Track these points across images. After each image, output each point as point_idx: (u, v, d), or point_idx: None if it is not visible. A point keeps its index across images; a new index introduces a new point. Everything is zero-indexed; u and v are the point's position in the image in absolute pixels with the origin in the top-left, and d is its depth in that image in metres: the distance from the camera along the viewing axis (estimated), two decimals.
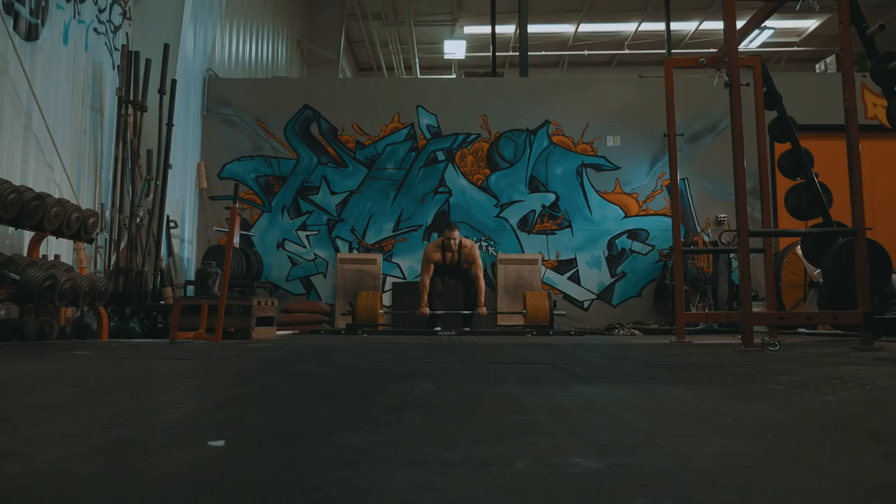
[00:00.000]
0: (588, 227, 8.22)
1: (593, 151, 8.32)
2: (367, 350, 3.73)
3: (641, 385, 1.94)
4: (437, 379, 2.02)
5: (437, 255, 7.00)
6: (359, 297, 6.84)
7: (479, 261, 7.02)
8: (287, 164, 8.31)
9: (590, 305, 8.15)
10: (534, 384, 1.92)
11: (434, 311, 7.00)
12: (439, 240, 7.12)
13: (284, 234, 8.23)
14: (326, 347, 4.03)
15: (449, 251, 6.96)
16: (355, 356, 3.21)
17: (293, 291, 8.17)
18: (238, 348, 3.85)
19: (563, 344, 4.57)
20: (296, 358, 3.07)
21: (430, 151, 8.33)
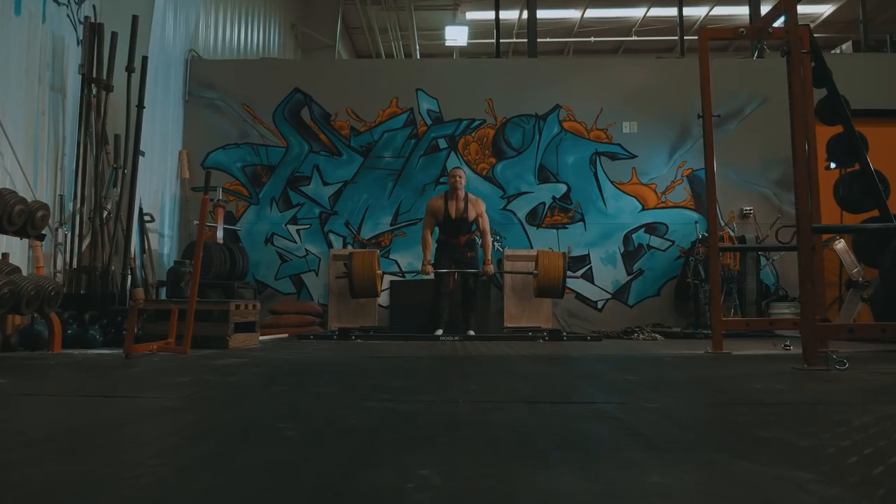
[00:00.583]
0: (602, 220, 7.58)
1: (608, 139, 7.68)
2: (354, 371, 3.11)
3: (749, 462, 1.31)
4: (444, 452, 1.39)
5: (439, 203, 6.37)
6: (353, 259, 6.22)
7: (485, 215, 6.43)
8: (276, 152, 7.67)
9: (604, 306, 7.52)
10: (587, 462, 1.29)
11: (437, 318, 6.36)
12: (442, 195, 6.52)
13: (273, 229, 7.59)
14: (308, 365, 3.40)
15: (454, 200, 6.32)
16: (338, 384, 2.59)
17: (282, 291, 7.54)
18: (200, 367, 3.22)
19: (586, 357, 3.94)
20: (260, 389, 2.45)
21: (431, 138, 7.68)
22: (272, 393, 2.30)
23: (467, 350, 4.51)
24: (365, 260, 6.22)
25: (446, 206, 6.39)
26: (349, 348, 4.69)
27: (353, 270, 6.12)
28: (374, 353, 4.23)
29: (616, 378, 2.81)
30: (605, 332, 6.83)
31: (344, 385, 2.57)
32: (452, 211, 6.37)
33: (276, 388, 2.44)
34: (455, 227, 6.33)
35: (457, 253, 6.35)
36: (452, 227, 6.33)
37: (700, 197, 7.64)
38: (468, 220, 6.34)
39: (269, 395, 2.26)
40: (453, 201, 6.38)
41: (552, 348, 4.78)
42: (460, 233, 6.34)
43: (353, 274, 6.12)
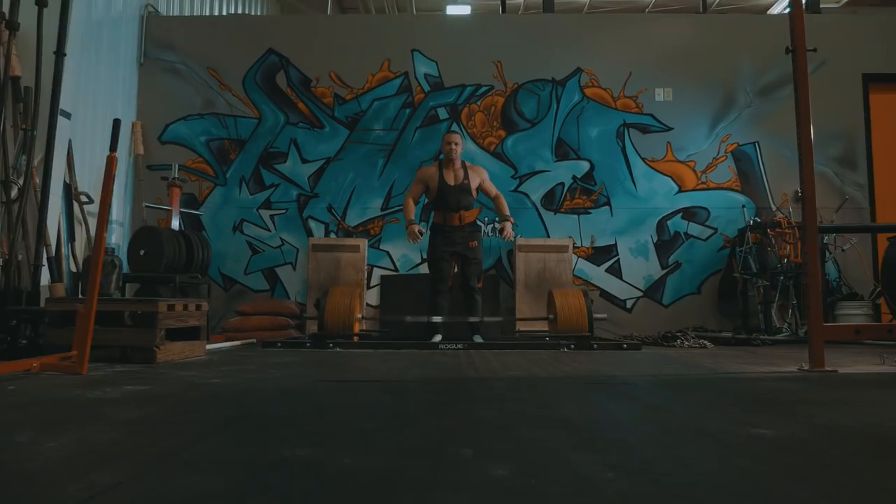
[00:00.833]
0: (632, 204, 6.41)
1: (638, 108, 6.50)
2: (297, 416, 1.93)
3: None
4: None
5: (432, 171, 5.27)
6: (329, 295, 5.04)
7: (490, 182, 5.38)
8: (246, 124, 6.51)
9: (634, 305, 6.35)
10: None
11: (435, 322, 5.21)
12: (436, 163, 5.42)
13: (242, 214, 6.43)
14: (233, 399, 2.23)
15: (450, 169, 5.22)
16: (234, 463, 1.42)
17: (253, 287, 6.38)
18: (81, 401, 2.06)
19: (642, 380, 2.77)
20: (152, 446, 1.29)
21: (430, 108, 6.51)
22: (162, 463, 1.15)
23: (474, 365, 3.35)
24: (342, 299, 5.00)
25: (441, 174, 5.25)
26: (318, 363, 3.53)
27: (325, 310, 4.92)
28: (346, 373, 3.07)
29: (726, 429, 1.65)
30: (639, 337, 5.66)
31: (298, 431, 1.42)
32: (450, 178, 5.23)
33: (96, 478, 1.27)
34: (454, 196, 5.17)
35: (456, 241, 5.20)
36: (451, 197, 5.18)
37: (748, 176, 6.46)
38: (470, 189, 5.20)
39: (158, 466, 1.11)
40: (450, 170, 5.25)
41: (584, 363, 3.62)
42: (461, 206, 5.18)
43: (326, 314, 4.91)
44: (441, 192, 5.22)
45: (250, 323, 5.83)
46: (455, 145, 5.24)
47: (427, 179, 5.30)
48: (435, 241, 5.29)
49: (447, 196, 5.21)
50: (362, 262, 6.22)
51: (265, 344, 4.76)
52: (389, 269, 6.38)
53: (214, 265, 6.33)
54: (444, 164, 5.30)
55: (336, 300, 5.05)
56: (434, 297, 5.28)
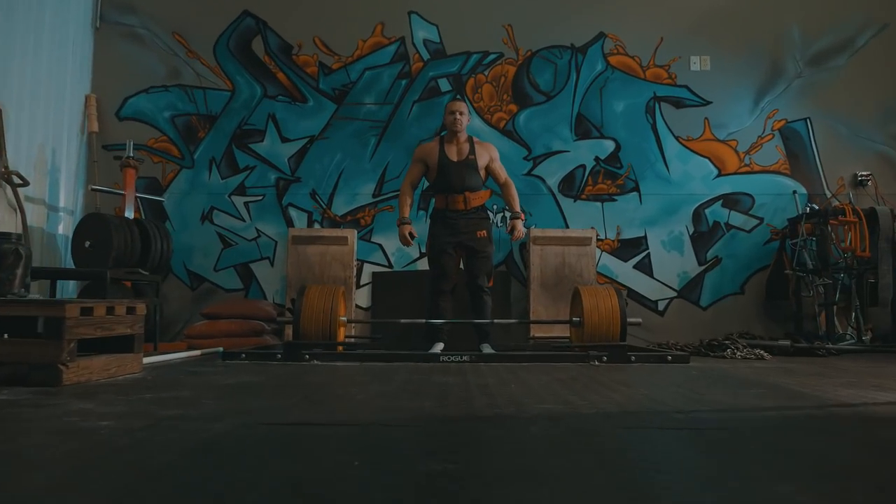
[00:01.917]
0: (664, 189, 5.52)
1: (670, 78, 5.62)
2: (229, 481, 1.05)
3: None
4: None
5: (432, 146, 4.44)
6: (307, 295, 4.14)
7: (500, 163, 4.50)
8: (217, 97, 5.63)
9: (667, 307, 5.46)
10: None
11: (436, 325, 4.34)
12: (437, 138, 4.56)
13: (212, 201, 5.55)
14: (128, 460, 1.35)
15: (454, 143, 4.38)
16: None
17: (224, 286, 5.50)
18: None
19: (720, 417, 1.89)
20: None
21: (430, 79, 5.63)
22: None
23: (487, 389, 2.47)
24: (322, 300, 4.11)
25: (442, 148, 4.39)
26: (281, 386, 2.65)
27: (301, 313, 4.04)
28: (311, 405, 2.19)
29: None
30: (678, 346, 4.78)
31: None
32: (453, 153, 4.38)
33: None
34: (458, 174, 4.32)
35: (461, 230, 4.34)
36: (454, 175, 4.32)
37: (798, 158, 5.58)
38: (476, 166, 4.35)
39: None
40: (453, 144, 4.40)
41: (632, 384, 2.74)
42: (466, 186, 4.32)
43: (302, 318, 4.03)
44: (442, 169, 4.36)
45: (218, 328, 4.95)
46: (460, 115, 4.38)
47: (426, 156, 4.45)
48: (435, 231, 4.42)
49: (449, 174, 4.34)
50: (351, 256, 5.34)
51: (227, 355, 3.87)
52: (382, 264, 5.50)
53: (179, 260, 5.46)
54: (447, 138, 4.45)
55: (315, 301, 4.16)
56: (435, 299, 4.42)
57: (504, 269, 5.43)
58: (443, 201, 4.40)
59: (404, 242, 4.42)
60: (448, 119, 4.39)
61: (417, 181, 4.53)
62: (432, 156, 4.42)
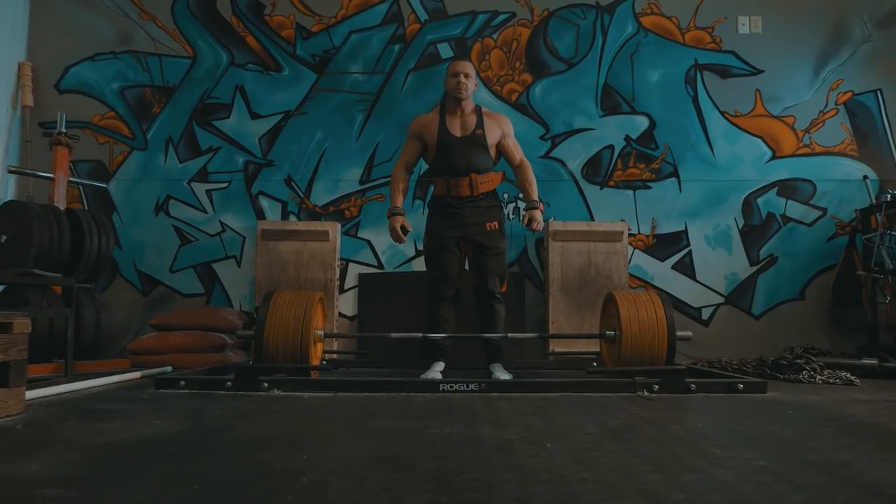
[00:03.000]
0: (708, 174, 4.63)
1: (714, 43, 4.72)
2: None
3: None
4: None
5: (430, 119, 3.55)
6: (273, 303, 3.24)
7: (515, 139, 3.61)
8: (175, 66, 4.74)
9: (713, 316, 4.56)
10: None
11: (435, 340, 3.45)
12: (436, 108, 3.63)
13: (169, 189, 4.66)
14: None
15: (457, 113, 3.50)
16: None
17: (182, 290, 4.61)
18: None
19: None
20: None
21: (428, 43, 4.74)
22: None
23: (509, 450, 1.59)
24: (291, 310, 3.17)
25: (443, 120, 3.51)
26: (204, 445, 1.76)
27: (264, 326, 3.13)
28: (231, 483, 1.29)
29: None
30: (731, 364, 3.88)
31: None
32: (455, 126, 3.50)
33: None
34: (461, 152, 3.44)
35: (466, 221, 3.46)
36: (457, 153, 3.44)
37: (867, 137, 4.68)
38: (485, 143, 3.47)
39: None
40: (456, 116, 3.51)
41: (713, 439, 1.85)
42: (472, 167, 3.44)
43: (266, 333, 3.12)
44: (443, 146, 3.48)
45: (169, 342, 4.06)
46: (465, 78, 3.49)
47: (423, 131, 3.56)
48: (435, 223, 3.54)
49: (451, 152, 3.46)
50: (333, 254, 4.45)
51: (163, 382, 2.96)
52: (371, 264, 4.60)
53: (128, 259, 4.57)
54: (449, 108, 3.56)
55: (284, 311, 3.26)
56: (434, 307, 3.54)
57: (517, 270, 4.53)
58: (443, 186, 3.52)
59: (396, 238, 3.53)
60: (450, 83, 3.50)
61: (413, 162, 3.64)
62: (431, 130, 3.53)
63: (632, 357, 3.24)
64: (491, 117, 3.59)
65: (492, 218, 3.51)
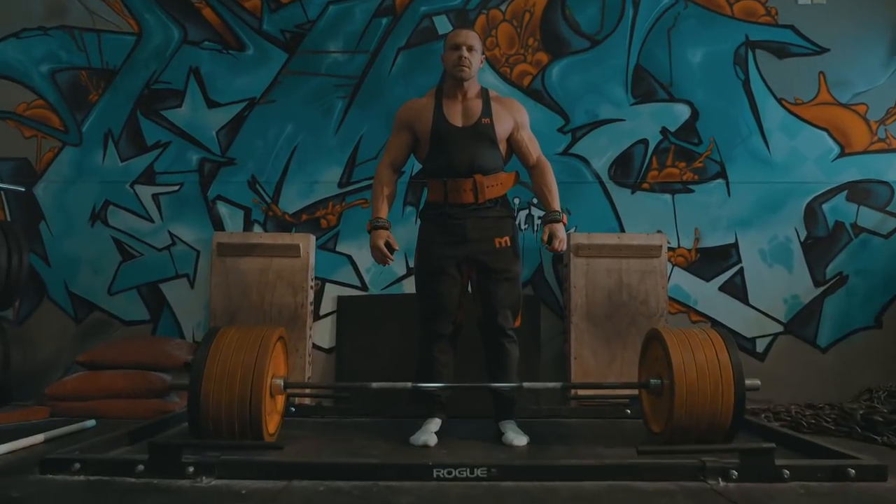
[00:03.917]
0: (762, 175, 3.81)
1: (769, 16, 3.90)
2: None
3: None
4: None
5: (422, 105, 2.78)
6: (215, 345, 2.42)
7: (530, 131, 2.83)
8: (117, 44, 3.92)
9: (770, 348, 3.74)
10: None
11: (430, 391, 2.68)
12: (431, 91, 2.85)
13: (107, 193, 3.84)
14: None
15: (458, 97, 2.73)
16: None
17: (123, 316, 3.80)
18: None
19: None
20: None
21: (422, 16, 3.92)
22: None
23: None
24: (241, 356, 2.38)
25: (439, 105, 2.73)
26: None
27: (202, 380, 2.33)
28: None
29: None
30: (804, 415, 3.06)
31: None
32: (454, 112, 2.71)
33: None
34: (465, 148, 2.67)
35: (468, 235, 2.68)
36: (459, 148, 2.67)
37: None
38: (493, 135, 2.70)
39: None
40: (455, 99, 2.74)
41: None
42: (477, 167, 2.68)
43: (204, 392, 2.32)
44: (438, 137, 2.70)
45: (99, 385, 3.26)
46: (468, 52, 2.71)
47: (414, 119, 2.79)
48: (429, 239, 2.76)
49: (450, 146, 2.68)
50: (305, 273, 3.63)
51: (51, 464, 2.15)
52: (353, 285, 3.79)
53: (58, 278, 3.76)
54: (447, 91, 2.78)
55: (226, 357, 2.46)
56: (427, 349, 2.77)
57: (530, 292, 3.72)
58: (440, 191, 2.73)
59: (379, 259, 2.73)
60: (449, 58, 2.72)
61: (401, 160, 2.85)
62: (423, 118, 2.74)
63: (687, 416, 2.47)
64: (501, 103, 2.80)
65: (501, 232, 2.73)
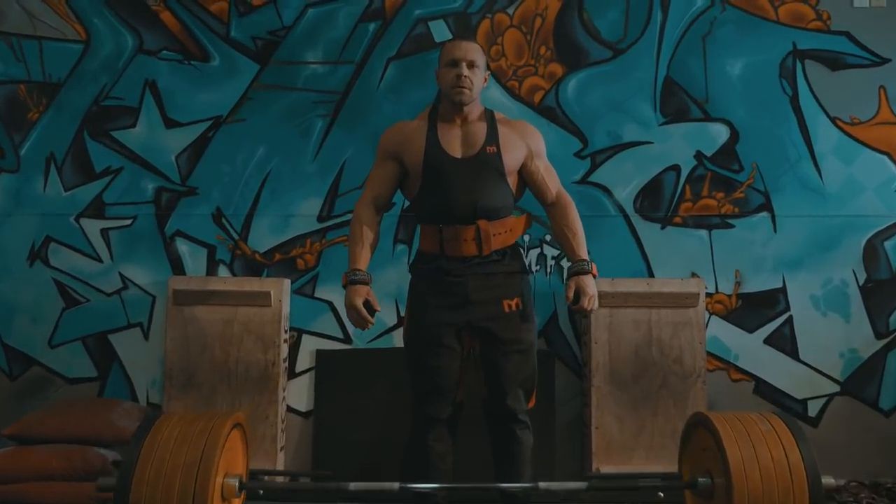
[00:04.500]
0: (814, 207, 3.25)
1: (821, 21, 3.34)
2: None
3: None
4: None
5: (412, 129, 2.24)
6: (152, 436, 1.83)
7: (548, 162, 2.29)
8: (61, 53, 3.37)
9: (824, 411, 3.19)
10: None
11: (424, 493, 2.14)
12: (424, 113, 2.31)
13: (48, 227, 3.29)
14: None
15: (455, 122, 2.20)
16: None
17: (65, 373, 3.25)
18: None
19: None
20: None
21: (415, 20, 3.36)
22: None
23: None
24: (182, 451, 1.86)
25: (434, 134, 2.19)
26: None
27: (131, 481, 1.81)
28: None
29: None
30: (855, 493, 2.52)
31: None
32: (453, 139, 2.18)
33: None
34: (464, 185, 2.14)
35: (470, 297, 2.15)
36: (458, 186, 2.14)
37: None
38: (500, 167, 2.17)
39: None
40: (454, 124, 2.21)
41: None
42: (481, 210, 2.14)
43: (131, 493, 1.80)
44: (432, 171, 2.19)
45: (28, 463, 2.73)
46: (469, 68, 2.18)
47: (401, 147, 2.28)
48: (421, 301, 2.25)
49: (446, 181, 2.18)
50: (277, 325, 3.08)
51: None
52: (335, 337, 3.23)
53: None
54: (443, 113, 2.26)
55: (163, 455, 1.93)
56: (420, 438, 2.26)
57: (543, 346, 3.16)
58: (434, 239, 2.19)
59: (356, 320, 2.20)
60: (446, 76, 2.19)
61: (386, 196, 2.33)
62: (414, 146, 2.22)
63: None
64: (510, 126, 2.27)
65: (511, 292, 2.20)
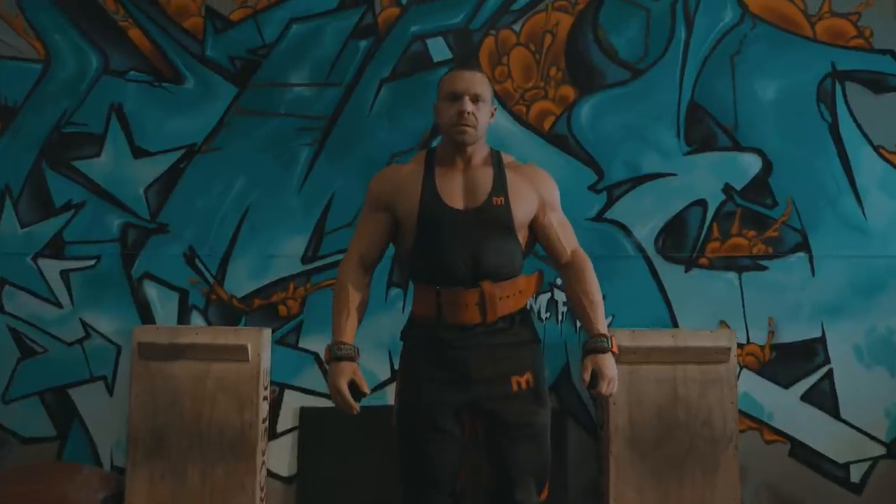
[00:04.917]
0: (857, 247, 2.92)
1: (863, 38, 3.01)
2: None
3: None
4: None
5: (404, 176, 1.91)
6: None
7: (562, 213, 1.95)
8: (18, 74, 3.04)
9: (868, 476, 2.86)
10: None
11: None
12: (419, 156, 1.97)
13: (2, 269, 2.97)
14: None
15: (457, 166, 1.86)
16: None
17: (20, 432, 2.93)
18: None
19: None
20: None
21: (411, 38, 3.03)
22: None
23: None
24: None
25: (431, 179, 1.85)
26: None
27: None
28: None
29: None
30: None
31: None
32: (453, 188, 1.84)
33: None
34: (466, 242, 1.80)
35: (472, 375, 1.80)
36: (457, 243, 1.81)
37: None
38: (509, 221, 1.84)
39: None
40: (455, 169, 1.87)
41: None
42: (484, 270, 1.80)
43: None
44: (429, 224, 1.86)
45: None
46: (473, 103, 1.84)
47: (393, 195, 1.94)
48: (415, 376, 1.93)
49: (445, 237, 1.85)
50: (255, 382, 2.74)
51: None
52: (320, 392, 2.90)
53: None
54: (442, 155, 1.93)
55: None
56: None
57: (554, 402, 2.83)
58: (431, 304, 1.87)
59: (342, 404, 1.88)
60: (446, 114, 1.86)
61: (376, 253, 1.99)
62: (408, 195, 1.90)
63: None
64: (520, 173, 1.94)
65: (521, 366, 1.89)
